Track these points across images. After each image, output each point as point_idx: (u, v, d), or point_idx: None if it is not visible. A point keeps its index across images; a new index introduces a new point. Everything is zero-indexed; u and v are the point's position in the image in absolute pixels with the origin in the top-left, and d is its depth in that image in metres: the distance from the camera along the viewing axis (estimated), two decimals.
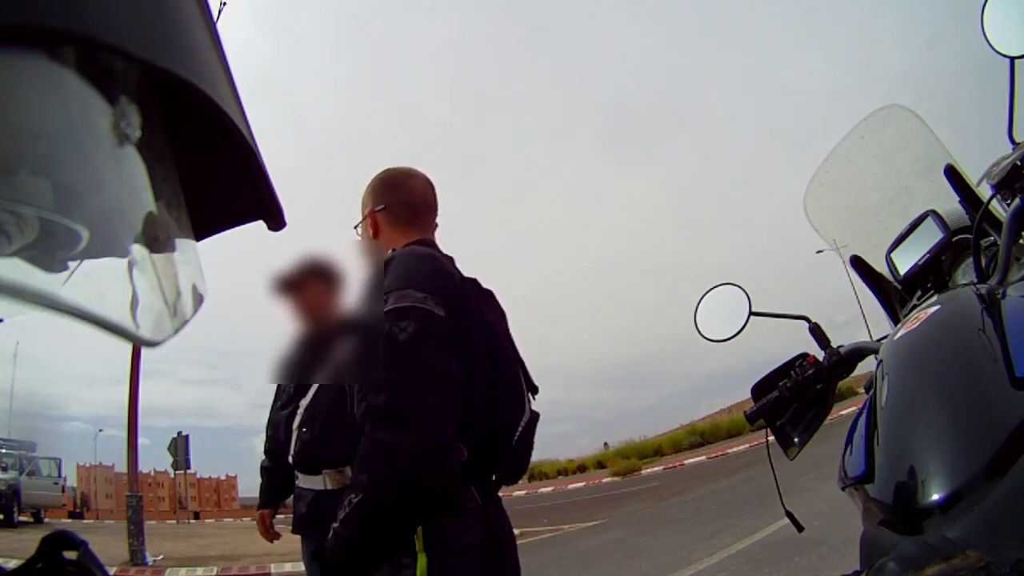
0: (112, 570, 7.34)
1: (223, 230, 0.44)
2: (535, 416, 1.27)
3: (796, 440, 0.98)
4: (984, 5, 0.93)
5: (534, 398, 1.29)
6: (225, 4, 10.93)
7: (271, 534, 2.14)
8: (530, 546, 8.61)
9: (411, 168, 1.36)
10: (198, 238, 0.38)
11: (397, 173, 1.34)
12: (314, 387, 1.85)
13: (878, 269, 1.15)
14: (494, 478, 1.21)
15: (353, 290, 1.16)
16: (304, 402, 1.87)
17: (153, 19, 0.25)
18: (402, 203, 1.30)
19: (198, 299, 0.34)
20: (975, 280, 0.88)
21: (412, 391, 0.98)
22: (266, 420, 2.09)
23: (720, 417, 27.15)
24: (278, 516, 2.18)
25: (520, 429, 1.20)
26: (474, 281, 1.24)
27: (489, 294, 1.27)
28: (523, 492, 23.38)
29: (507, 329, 1.28)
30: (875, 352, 0.91)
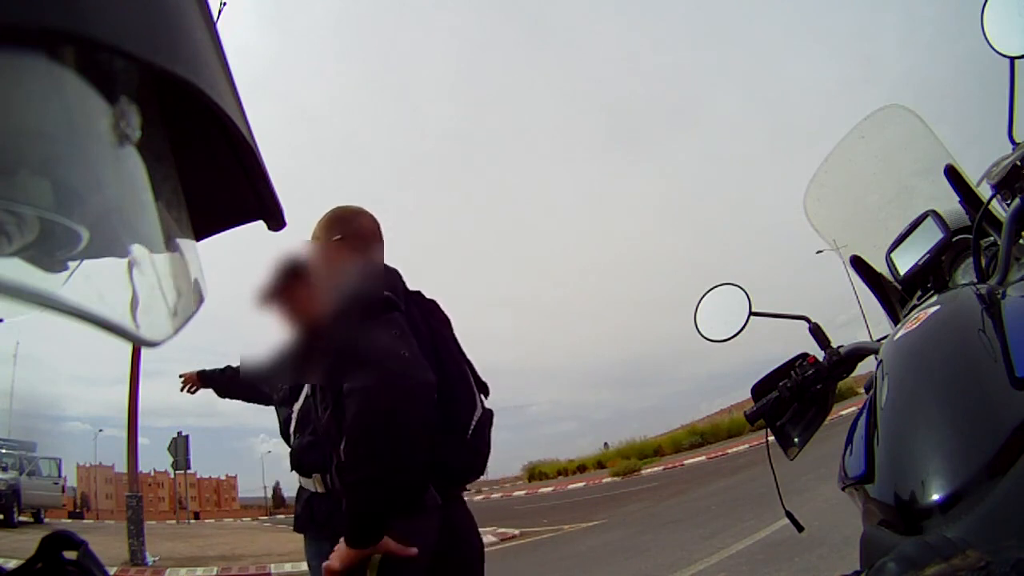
0: (112, 570, 7.34)
1: (223, 230, 0.44)
2: (488, 413, 1.35)
3: (796, 440, 0.98)
4: (984, 5, 0.93)
5: (485, 397, 1.37)
6: (225, 4, 10.93)
7: (187, 379, 2.15)
8: (530, 546, 8.61)
9: (360, 207, 1.48)
10: (198, 238, 0.38)
11: (348, 210, 1.45)
12: (305, 391, 1.88)
13: (878, 269, 1.15)
14: (454, 476, 1.26)
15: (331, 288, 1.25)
16: (297, 406, 1.89)
17: (153, 19, 0.25)
18: (356, 235, 1.42)
19: (198, 299, 0.34)
20: (975, 280, 0.88)
21: (368, 338, 1.06)
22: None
23: (720, 417, 27.16)
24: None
25: (474, 423, 1.27)
26: (418, 293, 1.35)
27: (433, 303, 1.37)
28: (523, 492, 23.37)
29: (452, 333, 1.37)
30: (875, 352, 0.91)
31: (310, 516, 1.81)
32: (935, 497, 0.50)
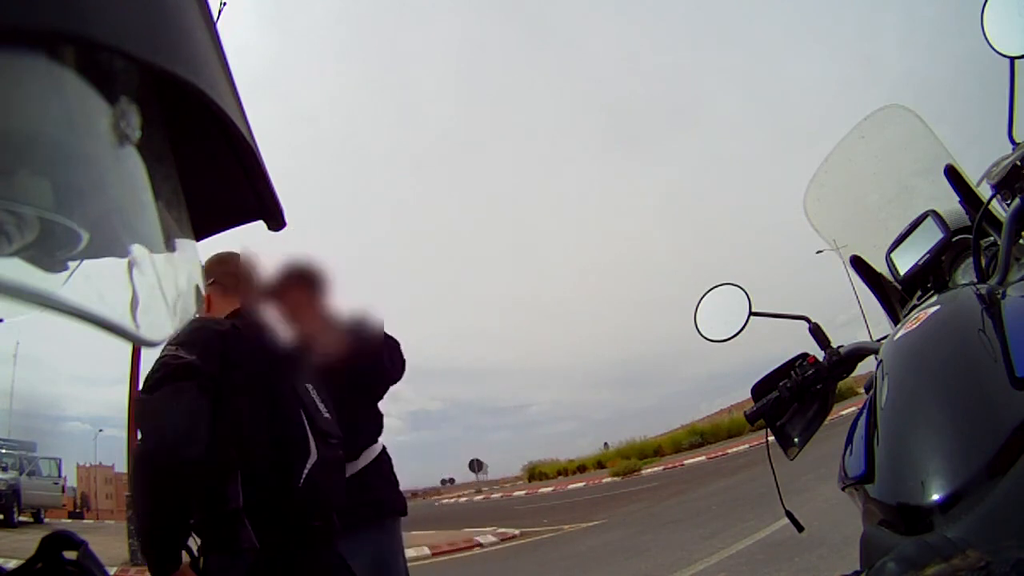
0: (112, 570, 7.34)
1: (223, 230, 0.44)
2: (330, 459, 1.40)
3: (796, 440, 0.98)
4: (984, 5, 0.93)
5: (328, 442, 1.41)
6: (225, 4, 10.92)
7: None
8: (530, 546, 8.61)
9: (232, 251, 1.55)
10: (198, 238, 0.38)
11: (220, 256, 1.54)
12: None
13: (878, 269, 1.15)
14: (286, 522, 1.31)
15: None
16: None
17: (153, 19, 0.25)
18: (226, 279, 1.51)
19: (198, 299, 0.34)
20: (975, 280, 0.88)
21: (146, 412, 1.26)
22: None
23: (720, 417, 27.14)
24: None
25: (305, 471, 1.33)
26: (271, 335, 1.40)
27: (292, 347, 1.43)
28: (523, 492, 23.38)
29: (303, 378, 1.44)
30: (875, 352, 0.91)
31: None
32: (935, 497, 0.50)
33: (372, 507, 1.81)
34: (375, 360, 1.79)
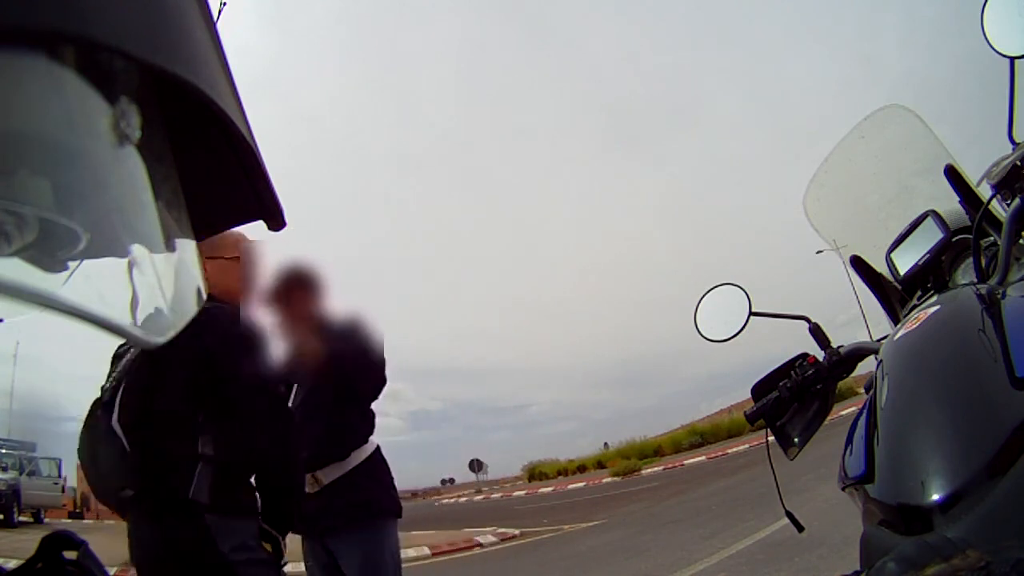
0: (112, 570, 7.33)
1: (223, 230, 0.44)
2: (92, 422, 1.44)
3: (796, 440, 0.98)
4: (984, 5, 0.93)
5: (102, 403, 1.44)
6: (225, 4, 10.90)
7: None
8: (530, 546, 8.61)
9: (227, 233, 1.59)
10: (198, 238, 0.38)
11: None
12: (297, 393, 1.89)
13: (878, 269, 1.15)
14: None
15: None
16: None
17: (153, 19, 0.25)
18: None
19: (198, 299, 0.34)
20: (975, 280, 0.88)
21: None
22: None
23: (720, 417, 27.13)
24: None
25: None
26: None
27: None
28: (523, 492, 23.39)
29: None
30: (875, 352, 0.91)
31: (300, 515, 1.82)
32: (935, 497, 0.50)
33: (361, 507, 1.79)
34: (372, 365, 1.78)
